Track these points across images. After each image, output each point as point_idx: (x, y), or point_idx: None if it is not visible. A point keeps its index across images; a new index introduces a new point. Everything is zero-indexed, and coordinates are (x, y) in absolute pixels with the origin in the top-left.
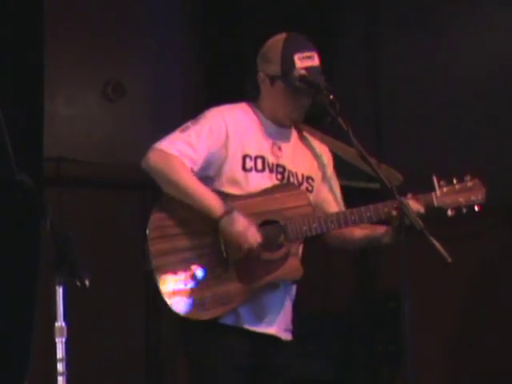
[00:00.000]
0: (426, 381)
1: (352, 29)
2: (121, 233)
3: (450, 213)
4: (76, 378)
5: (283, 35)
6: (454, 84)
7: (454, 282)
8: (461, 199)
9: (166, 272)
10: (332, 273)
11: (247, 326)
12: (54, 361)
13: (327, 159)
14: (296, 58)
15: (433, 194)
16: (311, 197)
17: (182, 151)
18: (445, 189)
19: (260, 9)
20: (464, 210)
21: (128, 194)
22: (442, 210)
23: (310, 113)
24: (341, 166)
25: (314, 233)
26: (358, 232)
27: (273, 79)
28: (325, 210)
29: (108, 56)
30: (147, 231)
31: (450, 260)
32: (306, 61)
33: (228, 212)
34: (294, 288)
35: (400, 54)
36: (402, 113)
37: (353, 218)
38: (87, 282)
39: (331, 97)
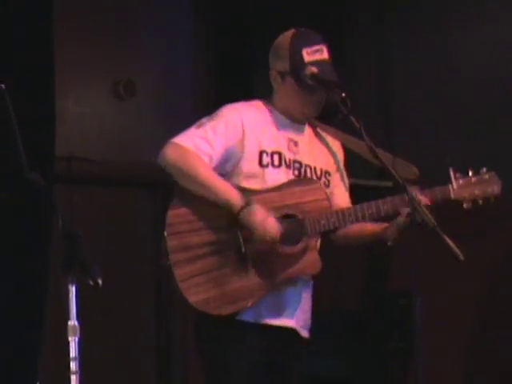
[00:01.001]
0: (437, 378)
1: (362, 28)
2: (132, 230)
3: (466, 205)
4: (88, 376)
5: (292, 31)
6: (465, 82)
7: (466, 279)
8: (477, 192)
9: (183, 267)
10: (343, 271)
11: (266, 321)
12: (66, 360)
13: (341, 155)
14: (304, 52)
15: (449, 186)
16: (327, 191)
17: (198, 146)
18: (461, 181)
19: (271, 7)
20: (480, 202)
21: (138, 192)
22: (458, 203)
23: (321, 110)
24: (353, 164)
25: (331, 227)
26: (364, 228)
27: (283, 76)
28: (336, 204)
29: (118, 55)
30: (165, 227)
31: (462, 258)
32: (314, 55)
33: (248, 204)
34: (311, 284)
35: (410, 52)
36: (412, 112)
37: (370, 211)
38: (100, 281)
39: (343, 94)
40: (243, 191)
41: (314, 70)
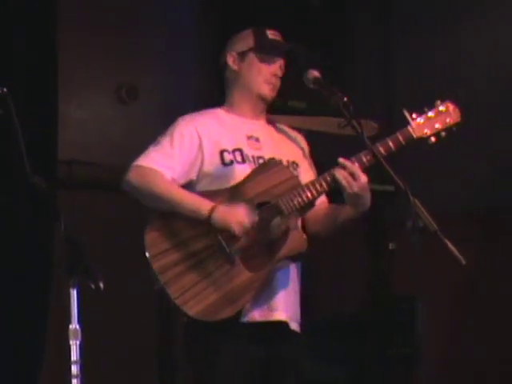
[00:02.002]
0: (441, 382)
1: (365, 28)
2: (133, 235)
3: (430, 141)
4: (90, 380)
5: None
6: (467, 83)
7: (468, 283)
8: (437, 125)
9: (175, 284)
10: (345, 274)
11: (256, 318)
12: (68, 363)
13: (304, 144)
14: (268, 33)
15: (408, 127)
16: None
17: (158, 162)
18: (419, 119)
19: (274, 11)
20: (443, 134)
21: None
22: (422, 141)
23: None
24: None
25: (306, 201)
26: (335, 209)
27: (244, 55)
28: None
29: (121, 59)
30: (146, 252)
31: (464, 262)
32: (275, 36)
33: (213, 208)
34: (296, 275)
35: (413, 53)
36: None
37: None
38: (101, 285)
39: (345, 99)
40: (213, 194)
41: (316, 74)
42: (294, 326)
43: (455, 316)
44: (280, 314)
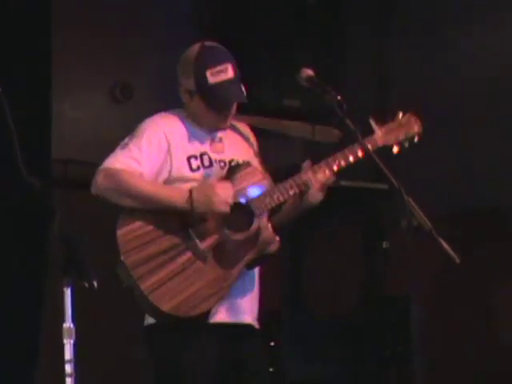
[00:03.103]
0: (435, 382)
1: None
2: None
3: (395, 150)
4: (84, 379)
5: (198, 47)
6: (465, 83)
7: (462, 283)
8: (401, 136)
9: (148, 279)
10: (339, 273)
11: (222, 319)
12: (62, 362)
13: (253, 138)
14: (208, 74)
15: (374, 135)
16: None
17: (127, 165)
18: (383, 129)
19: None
20: (406, 145)
21: None
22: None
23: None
24: (349, 167)
25: (277, 202)
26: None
27: (191, 94)
28: None
29: (115, 58)
30: (119, 248)
31: (458, 261)
32: (218, 75)
33: (191, 191)
34: (256, 277)
35: (410, 55)
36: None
37: (306, 176)
38: (95, 283)
39: (338, 97)
40: None
41: (310, 72)
42: (257, 325)
43: (449, 315)
44: (247, 318)
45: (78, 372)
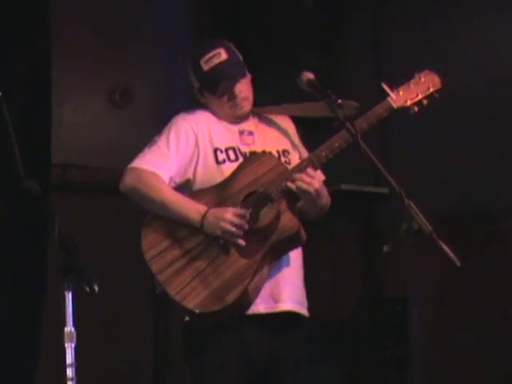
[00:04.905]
0: None
1: (358, 33)
2: (128, 238)
3: (412, 110)
4: (85, 383)
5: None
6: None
7: (462, 285)
8: (419, 94)
9: (173, 282)
10: (338, 277)
11: (262, 310)
12: (63, 366)
13: (292, 130)
14: (202, 63)
15: (388, 98)
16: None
17: (154, 163)
18: (399, 90)
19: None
20: (425, 102)
21: None
22: (404, 110)
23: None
24: (349, 170)
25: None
26: None
27: (200, 91)
28: None
29: (115, 62)
30: (144, 256)
31: (458, 264)
32: (211, 61)
33: (203, 216)
34: (299, 261)
35: (406, 56)
36: (407, 117)
37: (324, 153)
38: (96, 288)
39: (339, 101)
40: (202, 193)
41: (310, 76)
42: (304, 311)
43: (449, 319)
44: (287, 305)
45: (79, 376)
